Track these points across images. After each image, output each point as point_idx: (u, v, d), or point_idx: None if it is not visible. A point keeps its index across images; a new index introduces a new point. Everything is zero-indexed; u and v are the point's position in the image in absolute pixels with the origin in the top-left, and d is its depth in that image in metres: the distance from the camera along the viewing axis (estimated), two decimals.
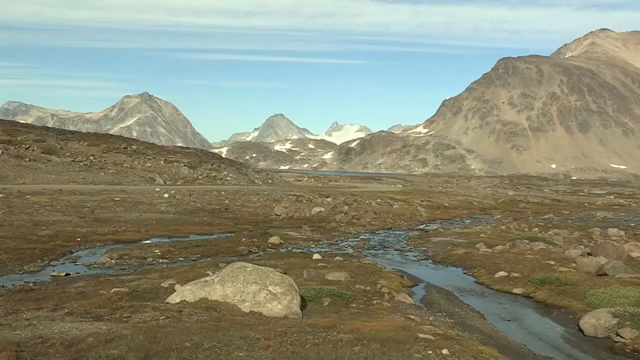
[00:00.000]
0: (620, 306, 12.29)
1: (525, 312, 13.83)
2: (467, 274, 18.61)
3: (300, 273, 15.37)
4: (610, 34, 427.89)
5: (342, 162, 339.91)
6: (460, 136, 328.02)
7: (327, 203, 43.13)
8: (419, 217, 40.43)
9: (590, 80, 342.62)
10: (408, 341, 8.82)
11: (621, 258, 18.75)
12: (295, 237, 25.93)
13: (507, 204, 58.49)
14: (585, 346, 10.91)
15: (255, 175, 78.20)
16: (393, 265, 19.63)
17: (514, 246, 23.02)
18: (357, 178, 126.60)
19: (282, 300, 10.98)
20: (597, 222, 40.45)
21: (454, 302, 14.37)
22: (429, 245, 25.57)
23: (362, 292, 13.85)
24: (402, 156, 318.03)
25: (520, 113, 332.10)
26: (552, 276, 16.06)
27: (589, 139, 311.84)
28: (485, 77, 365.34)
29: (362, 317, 10.81)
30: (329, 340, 8.63)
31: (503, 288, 16.17)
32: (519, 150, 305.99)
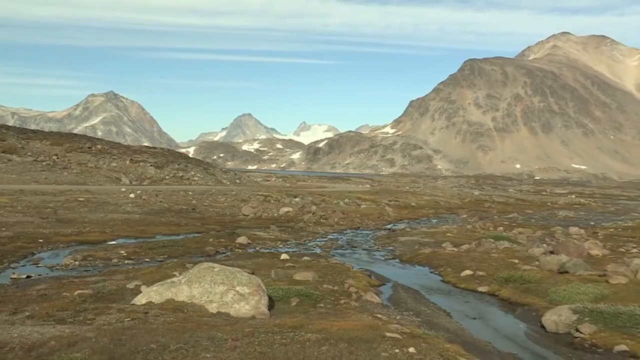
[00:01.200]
0: (580, 303, 12.59)
1: (490, 310, 14.04)
2: (433, 273, 18.80)
3: (268, 273, 15.32)
4: (570, 38, 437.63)
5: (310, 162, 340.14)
6: (427, 136, 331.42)
7: (295, 203, 43.09)
8: (387, 216, 40.68)
9: (552, 82, 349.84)
10: (375, 340, 8.86)
11: (581, 256, 19.20)
12: (263, 237, 25.84)
13: (473, 204, 59.31)
14: (546, 342, 11.14)
15: (223, 175, 77.66)
16: (361, 265, 19.70)
17: (480, 245, 23.34)
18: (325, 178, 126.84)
19: (249, 300, 10.93)
20: (559, 221, 41.30)
21: (420, 301, 14.50)
22: (396, 244, 25.74)
23: (330, 291, 13.86)
24: (369, 156, 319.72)
25: (485, 114, 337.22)
26: (516, 274, 16.33)
27: (551, 139, 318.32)
28: (451, 78, 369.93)
29: (330, 317, 10.83)
30: (296, 340, 8.62)
31: (469, 286, 16.38)
32: (484, 151, 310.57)
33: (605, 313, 11.59)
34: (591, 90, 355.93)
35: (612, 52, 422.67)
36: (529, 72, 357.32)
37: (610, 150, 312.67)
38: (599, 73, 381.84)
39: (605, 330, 11.00)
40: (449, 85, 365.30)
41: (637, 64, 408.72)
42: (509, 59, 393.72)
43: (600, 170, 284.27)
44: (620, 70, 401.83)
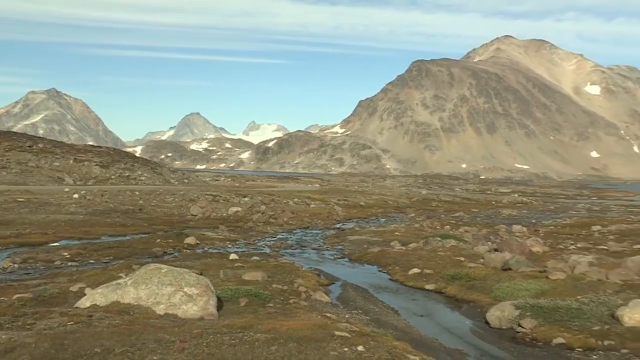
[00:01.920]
0: (522, 298, 13.00)
1: (437, 307, 14.31)
2: (382, 272, 19.01)
3: (217, 273, 15.18)
4: (513, 41, 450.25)
5: (260, 161, 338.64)
6: (376, 136, 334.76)
7: (245, 203, 42.84)
8: (336, 216, 40.91)
9: (496, 84, 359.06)
10: (325, 339, 8.91)
11: (524, 253, 19.79)
12: (211, 238, 25.58)
13: (420, 203, 60.28)
14: (490, 337, 11.44)
15: (171, 174, 76.45)
16: (310, 264, 19.75)
17: (427, 244, 23.75)
18: (275, 177, 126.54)
19: (198, 301, 10.81)
20: (503, 220, 42.42)
21: (369, 300, 14.64)
22: (345, 243, 25.92)
23: (280, 291, 13.85)
24: (319, 156, 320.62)
25: (432, 114, 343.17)
26: (462, 272, 16.69)
27: (495, 140, 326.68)
28: (399, 79, 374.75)
29: (279, 317, 10.82)
30: (245, 340, 8.58)
31: (416, 284, 16.64)
32: (431, 151, 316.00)
33: (545, 308, 12.01)
34: (532, 92, 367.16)
35: (551, 55, 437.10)
36: (474, 74, 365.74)
37: (550, 151, 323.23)
38: (539, 76, 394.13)
39: (544, 324, 11.39)
40: (397, 85, 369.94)
41: (574, 68, 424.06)
42: (455, 61, 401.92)
43: (541, 169, 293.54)
44: (558, 74, 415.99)
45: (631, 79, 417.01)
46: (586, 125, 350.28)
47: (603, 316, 11.56)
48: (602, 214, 50.93)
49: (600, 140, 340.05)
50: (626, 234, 29.75)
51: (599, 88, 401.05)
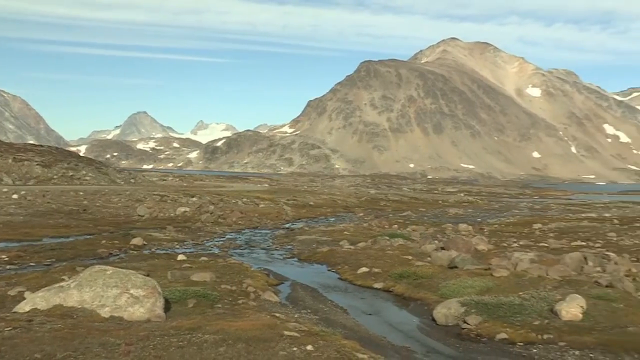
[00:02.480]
0: (468, 296, 13.32)
1: (385, 306, 14.49)
2: (331, 271, 19.11)
3: (165, 275, 14.95)
4: (459, 43, 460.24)
5: (208, 161, 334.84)
6: (325, 136, 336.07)
7: (193, 203, 42.28)
8: (285, 216, 40.87)
9: (443, 85, 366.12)
10: (274, 339, 8.90)
11: (469, 251, 20.25)
12: (159, 238, 25.16)
13: (369, 202, 60.84)
14: (437, 334, 11.68)
15: (117, 174, 74.69)
16: (259, 264, 19.68)
17: (375, 243, 24.00)
18: (224, 177, 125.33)
19: (144, 303, 10.61)
20: (449, 218, 43.27)
21: (318, 299, 14.70)
22: (294, 243, 25.93)
23: (228, 292, 13.75)
24: (268, 155, 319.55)
25: (381, 114, 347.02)
26: (410, 270, 16.94)
27: (442, 140, 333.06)
28: (348, 79, 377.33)
29: (228, 317, 10.74)
30: (193, 342, 8.48)
31: (365, 283, 16.80)
32: (380, 150, 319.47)
33: (489, 304, 12.35)
34: (477, 93, 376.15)
35: (494, 58, 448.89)
36: (422, 75, 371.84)
37: (494, 151, 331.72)
38: (483, 78, 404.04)
39: (489, 320, 11.71)
40: (345, 86, 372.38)
41: (516, 71, 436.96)
42: (402, 62, 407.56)
43: (486, 169, 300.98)
44: (502, 76, 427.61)
45: (569, 83, 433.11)
46: (528, 126, 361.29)
47: (543, 311, 11.97)
48: (543, 212, 52.62)
49: (541, 141, 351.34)
50: (565, 231, 30.87)
51: (540, 90, 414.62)
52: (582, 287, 13.75)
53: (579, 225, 34.88)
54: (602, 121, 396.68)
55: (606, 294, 12.98)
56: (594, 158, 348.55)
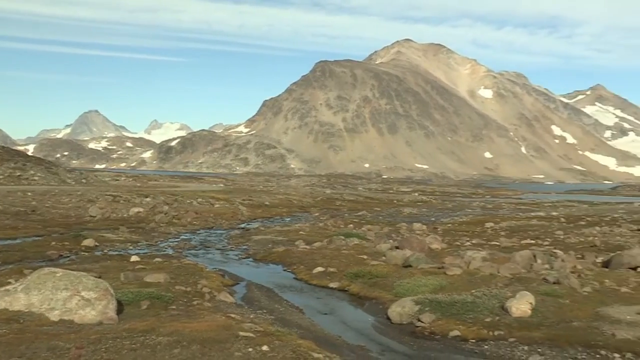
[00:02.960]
0: (422, 294, 13.52)
1: (341, 305, 14.57)
2: (287, 271, 19.09)
3: (117, 276, 14.67)
4: (413, 44, 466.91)
5: (162, 161, 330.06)
6: (281, 136, 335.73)
7: (147, 203, 41.59)
8: (241, 216, 40.64)
9: (397, 86, 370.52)
10: (229, 340, 8.85)
11: (423, 250, 20.54)
12: (111, 239, 24.66)
13: (324, 202, 61.02)
14: (392, 333, 11.81)
15: (67, 174, 72.81)
16: (214, 265, 19.51)
17: (331, 242, 24.09)
18: (178, 177, 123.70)
19: (96, 305, 10.40)
20: (404, 218, 43.76)
21: (274, 299, 14.68)
22: (250, 243, 25.81)
23: (183, 293, 13.60)
24: (223, 155, 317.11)
25: (336, 114, 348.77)
26: (365, 270, 17.07)
27: (397, 140, 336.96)
28: (304, 79, 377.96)
29: (183, 319, 10.63)
30: (147, 344, 8.36)
31: (321, 283, 16.86)
32: (335, 150, 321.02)
33: (442, 303, 12.57)
34: (431, 94, 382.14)
35: (448, 60, 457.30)
36: (376, 76, 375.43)
37: (448, 151, 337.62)
38: (437, 79, 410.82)
39: (442, 318, 11.92)
40: (301, 86, 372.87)
41: (469, 72, 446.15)
42: (358, 62, 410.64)
43: (440, 169, 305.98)
44: (455, 77, 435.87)
45: (519, 85, 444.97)
46: (480, 127, 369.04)
47: (494, 308, 12.27)
48: (495, 211, 53.82)
49: (493, 142, 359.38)
50: (515, 230, 31.67)
51: (491, 92, 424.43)
52: (531, 284, 14.13)
53: (528, 224, 35.84)
54: (549, 122, 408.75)
55: (553, 291, 13.39)
56: (542, 158, 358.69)
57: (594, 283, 14.46)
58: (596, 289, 13.98)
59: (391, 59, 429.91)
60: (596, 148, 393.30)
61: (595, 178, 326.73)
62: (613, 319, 11.55)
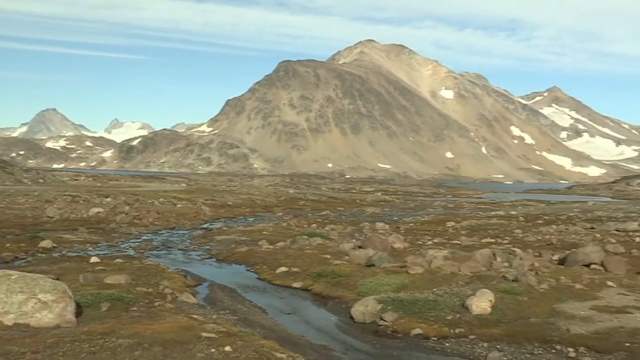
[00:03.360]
0: (385, 293, 13.65)
1: (304, 305, 14.60)
2: (250, 271, 19.03)
3: (76, 278, 14.39)
4: (375, 45, 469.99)
5: (123, 160, 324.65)
6: (244, 135, 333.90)
7: (107, 203, 40.88)
8: (203, 216, 40.31)
9: (360, 86, 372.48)
10: (191, 341, 8.79)
11: (386, 249, 20.73)
12: (70, 240, 24.17)
13: (288, 202, 60.96)
14: (355, 332, 11.89)
15: (24, 174, 71.06)
16: (176, 265, 19.32)
17: (294, 242, 24.10)
18: (140, 177, 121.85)
19: (53, 308, 10.17)
20: (367, 217, 44.01)
21: (237, 299, 14.62)
22: (212, 243, 25.63)
23: (144, 294, 13.43)
24: (186, 155, 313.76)
25: (299, 114, 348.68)
26: (328, 269, 17.13)
27: (360, 140, 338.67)
28: (267, 79, 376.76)
29: (144, 320, 10.49)
30: (106, 347, 8.23)
31: (284, 283, 16.86)
32: (299, 150, 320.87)
33: (405, 301, 12.72)
34: (394, 94, 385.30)
35: (410, 60, 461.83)
36: (339, 76, 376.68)
37: (410, 151, 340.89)
38: (399, 79, 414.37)
39: (404, 316, 12.06)
40: (264, 85, 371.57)
41: (431, 73, 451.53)
42: (321, 62, 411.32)
43: (402, 169, 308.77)
44: (417, 78, 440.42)
45: (479, 86, 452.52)
46: (442, 127, 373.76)
47: (455, 306, 12.47)
48: (456, 211, 54.60)
49: (454, 142, 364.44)
50: (476, 229, 32.22)
51: (452, 93, 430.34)
52: (491, 282, 14.41)
53: (488, 223, 36.49)
54: (509, 123, 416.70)
55: (512, 288, 13.68)
56: (502, 158, 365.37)
57: (550, 280, 14.82)
58: (552, 285, 14.34)
59: (354, 60, 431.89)
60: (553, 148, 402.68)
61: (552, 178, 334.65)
62: (568, 314, 11.88)
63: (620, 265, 16.75)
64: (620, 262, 17.15)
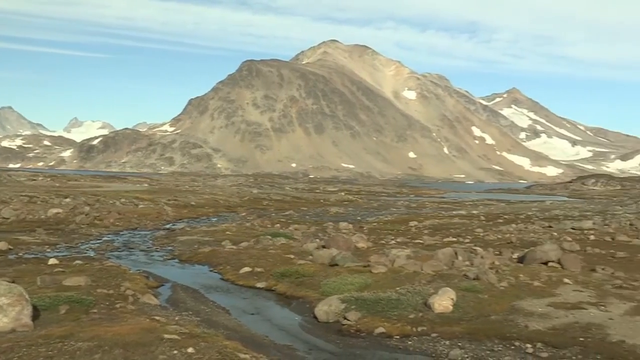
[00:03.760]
0: (348, 292, 13.72)
1: (268, 305, 14.56)
2: (213, 272, 18.90)
3: (33, 280, 14.06)
4: (339, 45, 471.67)
5: (84, 160, 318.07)
6: (207, 135, 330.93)
7: (66, 204, 40.02)
8: (166, 216, 39.84)
9: (324, 86, 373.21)
10: (153, 343, 8.68)
11: (349, 249, 20.84)
12: (27, 242, 23.58)
13: (251, 202, 60.68)
14: (318, 331, 11.92)
15: None
16: (138, 267, 19.06)
17: (258, 242, 24.03)
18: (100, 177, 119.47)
19: (9, 312, 9.92)
20: (330, 217, 44.13)
21: (200, 300, 14.50)
22: (175, 244, 25.36)
23: (105, 296, 13.21)
24: (148, 155, 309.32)
25: (263, 114, 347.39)
26: (292, 269, 17.14)
27: (323, 140, 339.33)
28: (230, 78, 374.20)
29: (104, 323, 10.32)
30: (65, 350, 8.06)
31: (247, 283, 16.79)
32: (262, 150, 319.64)
33: (368, 300, 12.81)
34: (357, 95, 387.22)
35: (373, 61, 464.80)
36: (303, 76, 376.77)
37: (373, 151, 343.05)
38: (363, 80, 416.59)
39: (368, 315, 12.15)
40: (228, 85, 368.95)
41: (393, 74, 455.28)
42: (284, 62, 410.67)
43: (366, 169, 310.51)
44: (380, 78, 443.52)
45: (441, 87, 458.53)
46: (404, 127, 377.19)
47: (418, 305, 12.62)
48: (419, 210, 55.19)
49: (417, 142, 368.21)
50: (438, 228, 32.64)
51: (415, 93, 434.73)
52: (453, 281, 14.63)
53: (450, 222, 37.01)
54: (470, 124, 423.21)
55: (473, 286, 13.92)
56: (463, 158, 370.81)
57: (510, 278, 15.13)
58: (512, 283, 14.65)
59: (317, 60, 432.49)
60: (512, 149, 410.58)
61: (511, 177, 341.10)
62: (526, 311, 12.15)
63: (576, 263, 17.22)
64: (576, 259, 17.63)
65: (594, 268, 16.90)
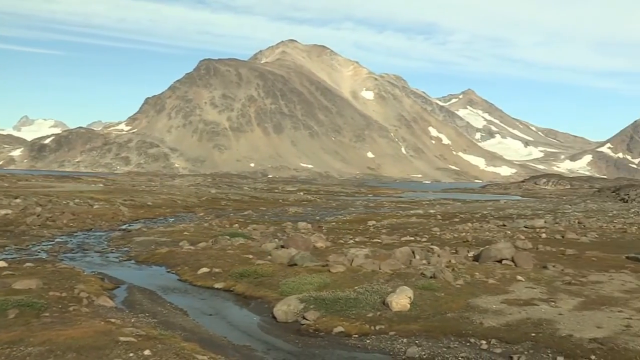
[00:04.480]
0: (307, 292, 13.75)
1: (226, 306, 14.47)
2: (170, 272, 18.67)
3: None
4: (297, 45, 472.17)
5: (35, 159, 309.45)
6: (164, 134, 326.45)
7: (16, 204, 38.89)
8: (122, 216, 39.14)
9: (282, 86, 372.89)
10: (108, 346, 8.53)
11: (308, 249, 20.89)
12: None
13: (209, 202, 60.17)
14: (277, 332, 11.92)
15: None
16: (93, 268, 18.68)
17: (216, 242, 23.85)
18: (53, 177, 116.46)
19: None
20: (289, 217, 44.13)
21: (157, 302, 14.31)
22: (131, 245, 24.94)
23: (58, 299, 12.90)
24: (103, 154, 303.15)
25: (221, 113, 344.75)
26: (251, 269, 17.08)
27: (282, 140, 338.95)
28: (188, 77, 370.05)
29: (57, 326, 10.08)
30: (14, 356, 7.85)
31: (205, 284, 16.65)
32: (220, 150, 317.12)
33: (327, 300, 12.87)
34: (315, 95, 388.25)
35: (331, 61, 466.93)
36: (261, 75, 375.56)
37: (332, 151, 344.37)
38: (321, 80, 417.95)
39: (326, 315, 12.21)
40: (185, 83, 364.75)
41: (352, 74, 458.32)
42: (243, 61, 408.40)
43: (324, 169, 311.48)
44: (338, 78, 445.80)
45: (398, 87, 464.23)
46: (363, 127, 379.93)
47: (376, 304, 12.74)
48: (377, 210, 55.69)
49: (375, 142, 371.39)
50: (396, 227, 33.02)
51: (373, 94, 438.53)
52: (410, 279, 14.82)
53: (408, 221, 37.48)
54: (427, 124, 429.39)
55: (430, 285, 14.14)
56: (420, 158, 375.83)
57: (466, 276, 15.43)
58: (468, 281, 14.94)
59: (276, 59, 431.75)
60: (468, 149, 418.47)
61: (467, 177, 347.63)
62: (481, 308, 12.42)
63: (529, 260, 17.69)
64: (529, 257, 18.11)
65: (546, 265, 17.38)
